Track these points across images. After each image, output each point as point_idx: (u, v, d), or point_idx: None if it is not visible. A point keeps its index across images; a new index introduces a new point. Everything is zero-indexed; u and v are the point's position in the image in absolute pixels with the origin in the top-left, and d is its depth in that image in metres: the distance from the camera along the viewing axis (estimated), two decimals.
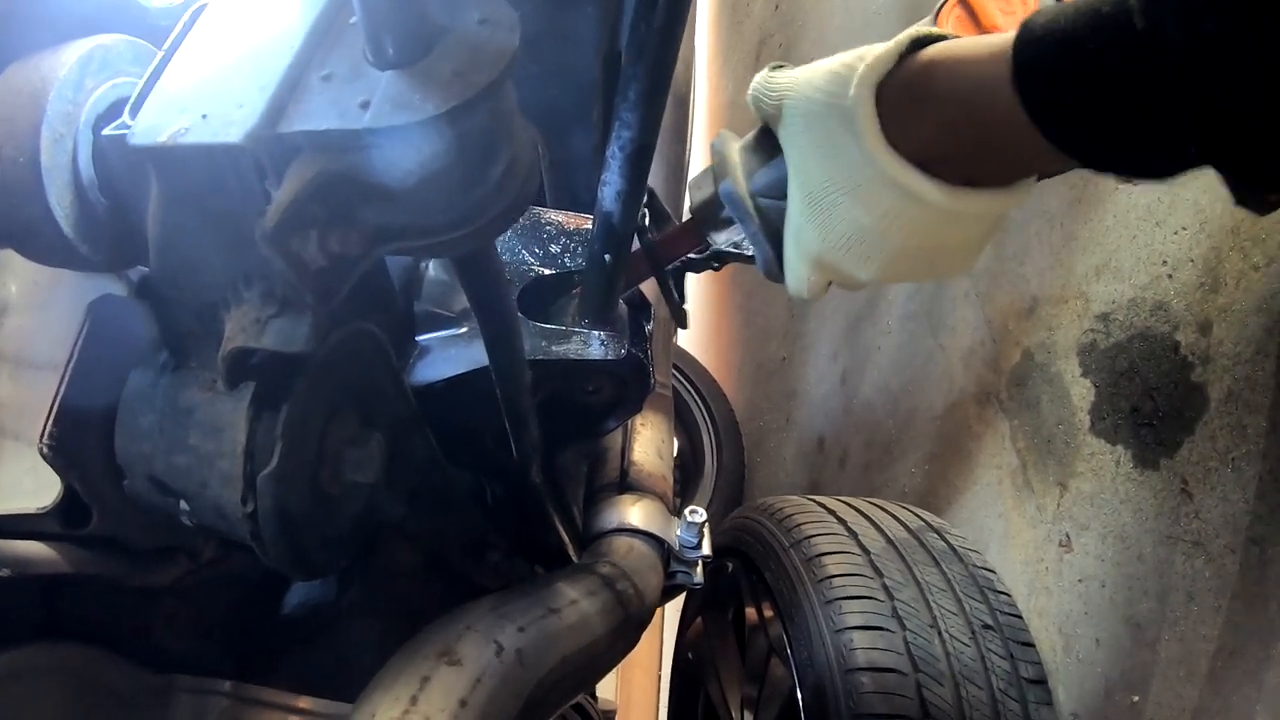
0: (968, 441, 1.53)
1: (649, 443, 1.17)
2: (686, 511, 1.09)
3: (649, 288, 0.89)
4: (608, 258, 0.76)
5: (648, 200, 0.80)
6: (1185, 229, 1.09)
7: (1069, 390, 1.26)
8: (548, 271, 0.88)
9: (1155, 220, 1.14)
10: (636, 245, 0.81)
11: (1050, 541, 1.25)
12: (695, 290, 3.42)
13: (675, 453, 2.26)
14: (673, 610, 2.36)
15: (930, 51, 0.59)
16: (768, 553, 1.32)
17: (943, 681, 1.08)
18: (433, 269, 0.89)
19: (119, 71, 0.60)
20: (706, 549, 1.10)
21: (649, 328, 0.89)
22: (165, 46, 0.55)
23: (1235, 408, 0.98)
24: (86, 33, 0.60)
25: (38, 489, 0.64)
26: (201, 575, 0.77)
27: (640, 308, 0.89)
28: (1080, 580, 1.18)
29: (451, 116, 0.45)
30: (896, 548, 1.25)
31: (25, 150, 0.55)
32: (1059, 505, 1.25)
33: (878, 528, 1.30)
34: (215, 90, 0.50)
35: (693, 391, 2.69)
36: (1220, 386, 1.00)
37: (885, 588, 1.17)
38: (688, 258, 0.85)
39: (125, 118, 0.51)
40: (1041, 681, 1.16)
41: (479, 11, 0.48)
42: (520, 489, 0.93)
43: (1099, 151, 0.51)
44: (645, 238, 0.81)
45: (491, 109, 0.47)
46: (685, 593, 1.31)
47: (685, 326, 0.93)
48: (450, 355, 0.83)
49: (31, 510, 0.64)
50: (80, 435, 0.64)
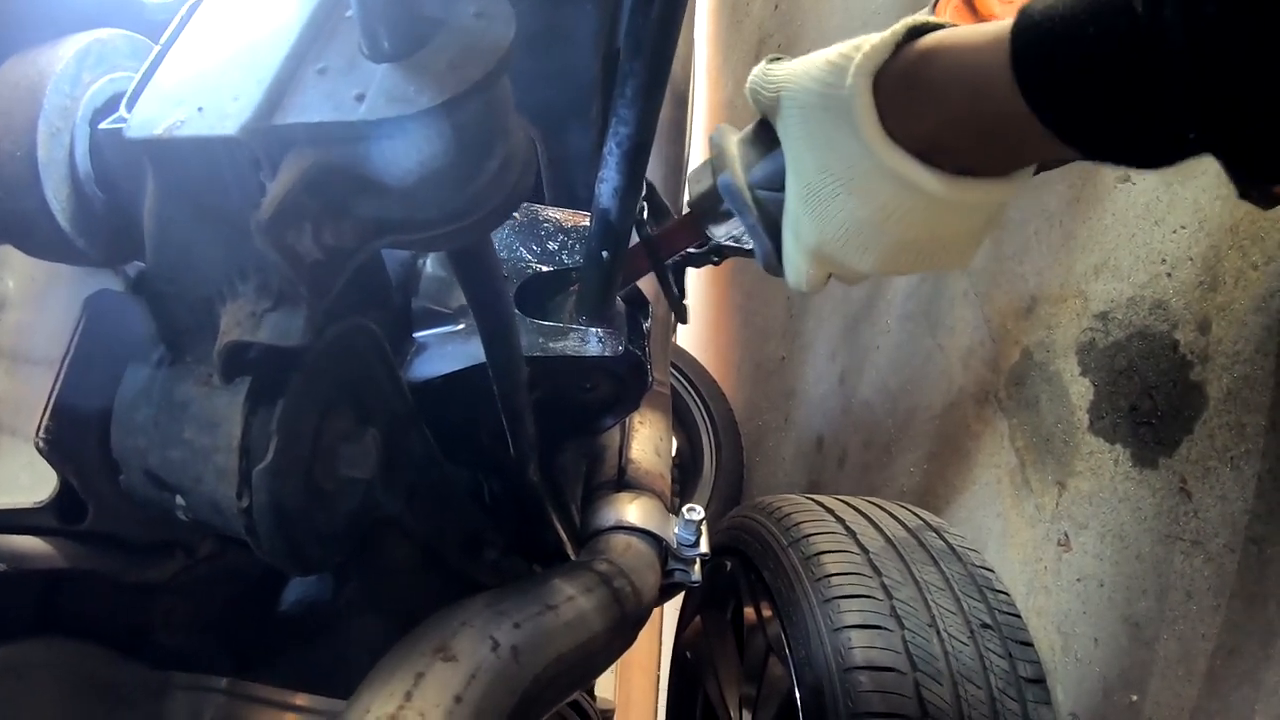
0: (966, 441, 1.53)
1: (647, 440, 1.17)
2: (684, 510, 1.09)
3: (647, 285, 0.89)
4: (605, 255, 0.76)
5: (647, 194, 0.79)
6: (1184, 228, 1.09)
7: (1068, 389, 1.26)
8: (545, 268, 0.88)
9: (1154, 219, 1.14)
10: (635, 240, 0.81)
11: (1049, 540, 1.25)
12: (694, 289, 3.42)
13: (674, 451, 2.26)
14: (671, 609, 2.36)
15: (927, 40, 0.58)
16: (766, 552, 1.32)
17: (941, 680, 1.08)
18: (430, 265, 0.89)
19: (116, 66, 0.60)
20: (704, 547, 1.10)
21: (647, 325, 0.89)
22: (162, 40, 0.55)
23: (1234, 406, 0.98)
24: (83, 27, 0.59)
25: (34, 484, 0.64)
26: (198, 571, 0.77)
27: (638, 305, 0.89)
28: (1079, 579, 1.18)
29: (447, 109, 0.45)
30: (895, 547, 1.25)
31: (22, 144, 0.55)
32: (1058, 504, 1.25)
33: (876, 527, 1.30)
34: (211, 83, 0.49)
35: (692, 390, 2.69)
36: (1219, 385, 1.00)
37: (884, 587, 1.17)
38: (687, 252, 0.85)
39: (122, 111, 0.51)
40: (1040, 680, 1.16)
41: (474, 5, 0.48)
42: (518, 486, 0.93)
43: (1098, 139, 0.51)
44: (644, 232, 0.81)
45: (487, 102, 0.47)
46: (684, 591, 1.30)
47: (685, 321, 0.93)
48: (447, 352, 0.83)
49: (28, 505, 0.64)
50: (76, 430, 0.64)
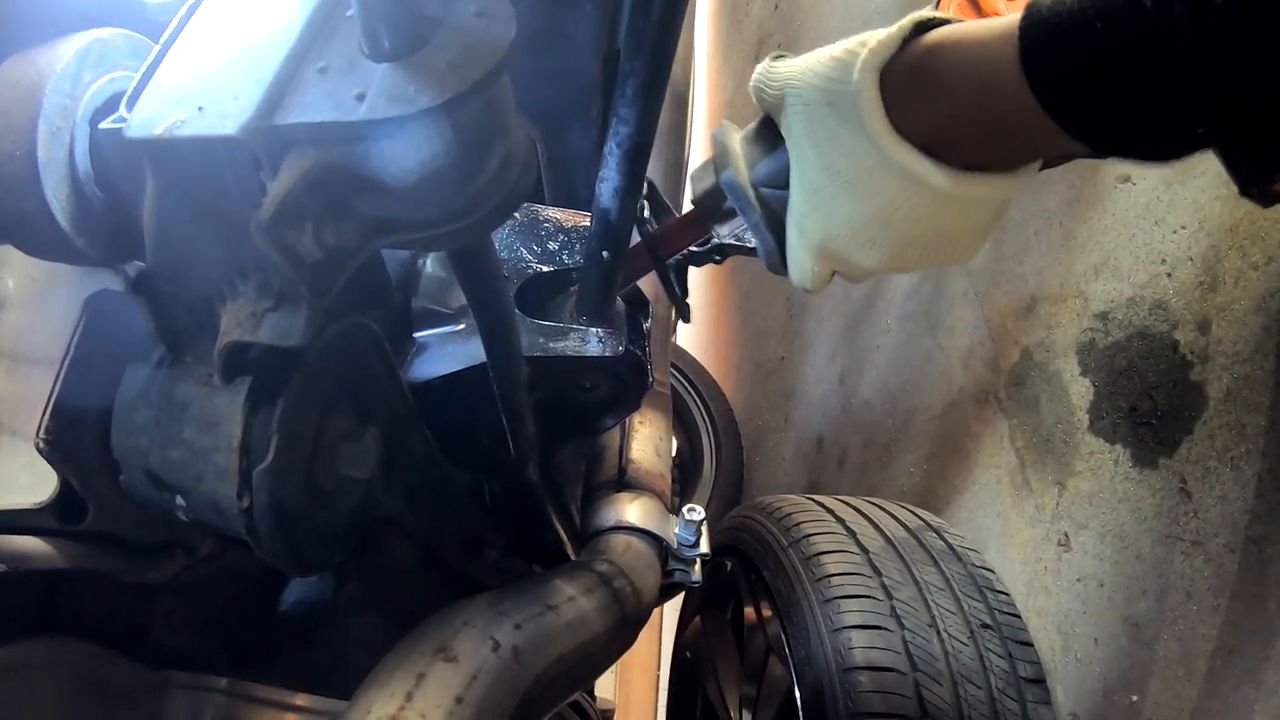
0: (966, 441, 1.53)
1: (647, 441, 1.17)
2: (685, 510, 1.09)
3: (648, 284, 0.89)
4: (605, 255, 0.76)
5: (648, 193, 0.79)
6: (1184, 228, 1.09)
7: (1068, 389, 1.26)
8: (545, 268, 0.88)
9: (1154, 219, 1.14)
10: (637, 239, 0.80)
11: (1049, 541, 1.25)
12: (694, 289, 3.42)
13: (674, 451, 2.26)
14: (671, 609, 2.36)
15: (934, 35, 0.58)
16: (766, 552, 1.32)
17: (941, 681, 1.08)
18: (430, 265, 0.89)
19: (116, 65, 0.60)
20: (704, 547, 1.10)
21: (647, 325, 0.89)
22: (162, 40, 0.55)
23: (1234, 406, 0.98)
24: (83, 27, 0.60)
25: (34, 484, 0.64)
26: (198, 571, 0.77)
27: (638, 305, 0.89)
28: (1079, 579, 1.18)
29: (447, 109, 0.45)
30: (895, 547, 1.25)
31: (22, 144, 0.55)
32: (1057, 504, 1.25)
33: (876, 527, 1.30)
34: (211, 83, 0.49)
35: (692, 390, 2.69)
36: (1219, 385, 1.00)
37: (884, 587, 1.16)
38: (689, 250, 0.85)
39: (122, 111, 0.51)
40: (1040, 681, 1.16)
41: (475, 4, 0.48)
42: (518, 486, 0.93)
43: (1106, 134, 0.51)
44: (645, 230, 0.80)
45: (487, 101, 0.47)
46: (684, 591, 1.30)
47: (688, 320, 0.93)
48: (447, 352, 0.83)
49: (28, 505, 0.64)
50: (77, 430, 0.64)
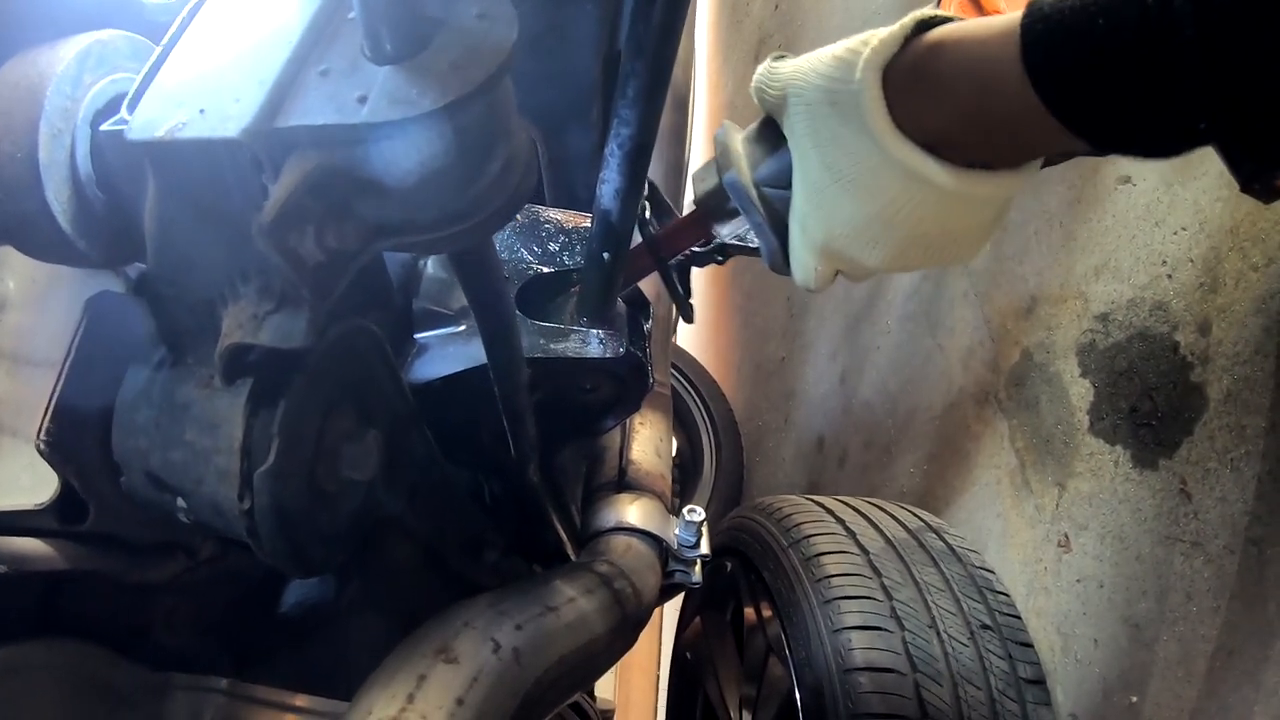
0: (966, 441, 1.53)
1: (647, 441, 1.17)
2: (685, 511, 1.09)
3: (648, 285, 0.89)
4: (606, 256, 0.76)
5: (649, 194, 0.79)
6: (1184, 229, 1.09)
7: (1068, 390, 1.26)
8: (546, 269, 0.88)
9: (1154, 220, 1.14)
10: (639, 239, 0.80)
11: (1049, 541, 1.25)
12: (695, 290, 3.42)
13: (674, 452, 2.26)
14: (671, 609, 2.36)
15: (936, 33, 0.58)
16: (766, 552, 1.32)
17: (941, 681, 1.08)
18: (431, 266, 0.89)
19: (117, 67, 0.60)
20: (705, 548, 1.10)
21: (647, 326, 0.89)
22: (163, 42, 0.55)
23: (1234, 408, 0.98)
24: (84, 28, 0.59)
25: (35, 485, 0.64)
26: (199, 572, 0.77)
27: (639, 306, 0.89)
28: (1079, 580, 1.18)
29: (449, 111, 0.45)
30: (895, 548, 1.25)
31: (23, 146, 0.55)
32: (1057, 505, 1.25)
33: (876, 528, 1.30)
34: (213, 85, 0.49)
35: (692, 391, 2.69)
36: (1219, 387, 1.00)
37: (884, 588, 1.17)
38: (691, 251, 0.85)
39: (123, 113, 0.51)
40: (1040, 682, 1.16)
41: (476, 6, 0.48)
42: (518, 487, 0.93)
43: (1108, 130, 0.51)
44: (647, 231, 0.80)
45: (489, 104, 0.47)
46: (684, 592, 1.31)
47: (691, 320, 0.93)
48: (448, 353, 0.83)
49: (29, 506, 0.63)
50: (77, 431, 0.64)
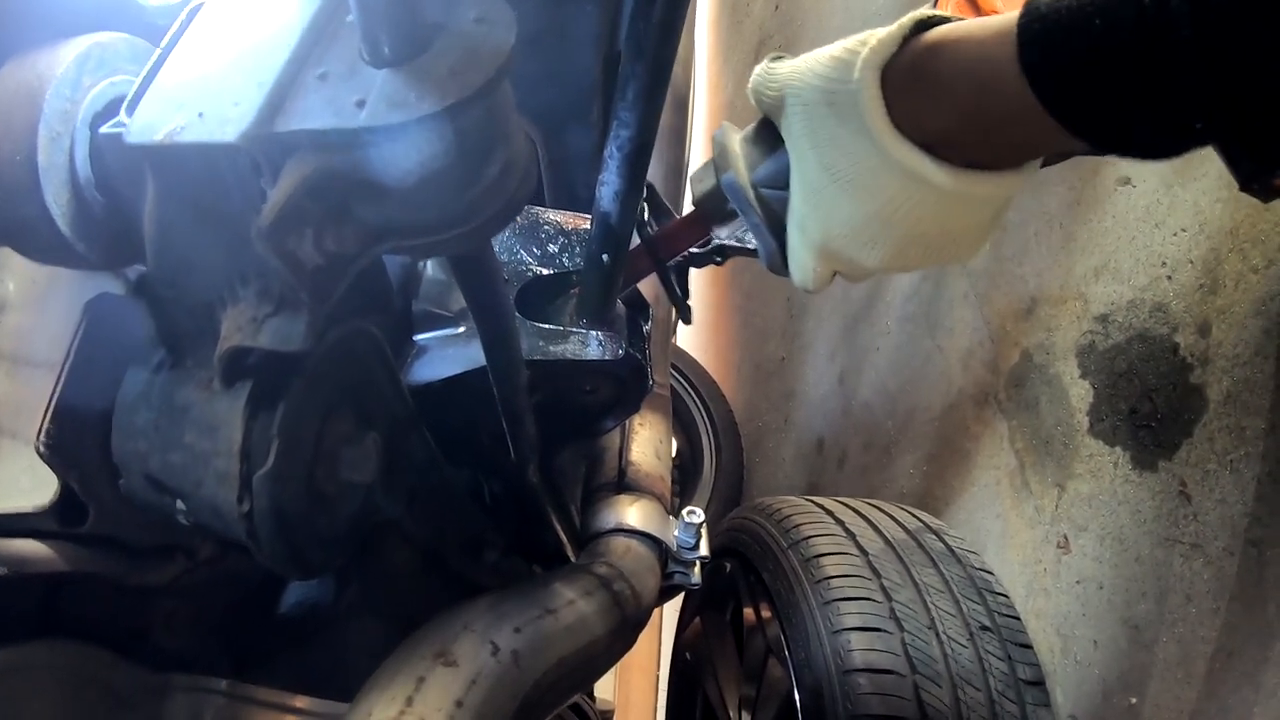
0: (966, 442, 1.53)
1: (647, 443, 1.17)
2: (684, 512, 1.09)
3: (647, 287, 0.89)
4: (605, 258, 0.76)
5: (648, 195, 0.79)
6: (1184, 230, 1.09)
7: (1067, 391, 1.26)
8: (546, 271, 0.88)
9: (1154, 221, 1.14)
10: (637, 241, 0.80)
11: (1048, 543, 1.25)
12: (694, 290, 3.42)
13: (673, 453, 2.26)
14: (671, 610, 2.36)
15: (934, 33, 0.58)
16: (766, 553, 1.32)
17: (940, 683, 1.08)
18: (430, 268, 0.89)
19: (116, 69, 0.60)
20: (704, 550, 1.10)
21: (647, 328, 0.89)
22: (162, 44, 0.55)
23: (1234, 410, 0.98)
24: (83, 30, 0.59)
25: (35, 487, 0.64)
26: (199, 574, 0.77)
27: (638, 308, 0.89)
28: (1078, 581, 1.18)
29: (448, 115, 0.45)
30: (895, 549, 1.25)
31: (22, 148, 0.55)
32: (1057, 506, 1.25)
33: (876, 529, 1.30)
34: (212, 88, 0.49)
35: (691, 392, 2.69)
36: (1219, 388, 1.00)
37: (883, 589, 1.17)
38: (690, 252, 0.85)
39: (122, 116, 0.51)
40: (1039, 683, 1.16)
41: (475, 9, 0.48)
42: (518, 488, 0.93)
43: (1106, 130, 0.51)
44: (645, 233, 0.80)
45: (488, 107, 0.47)
46: (683, 593, 1.31)
47: (689, 322, 0.93)
48: (448, 355, 0.83)
49: (28, 509, 0.63)
50: (77, 434, 0.64)
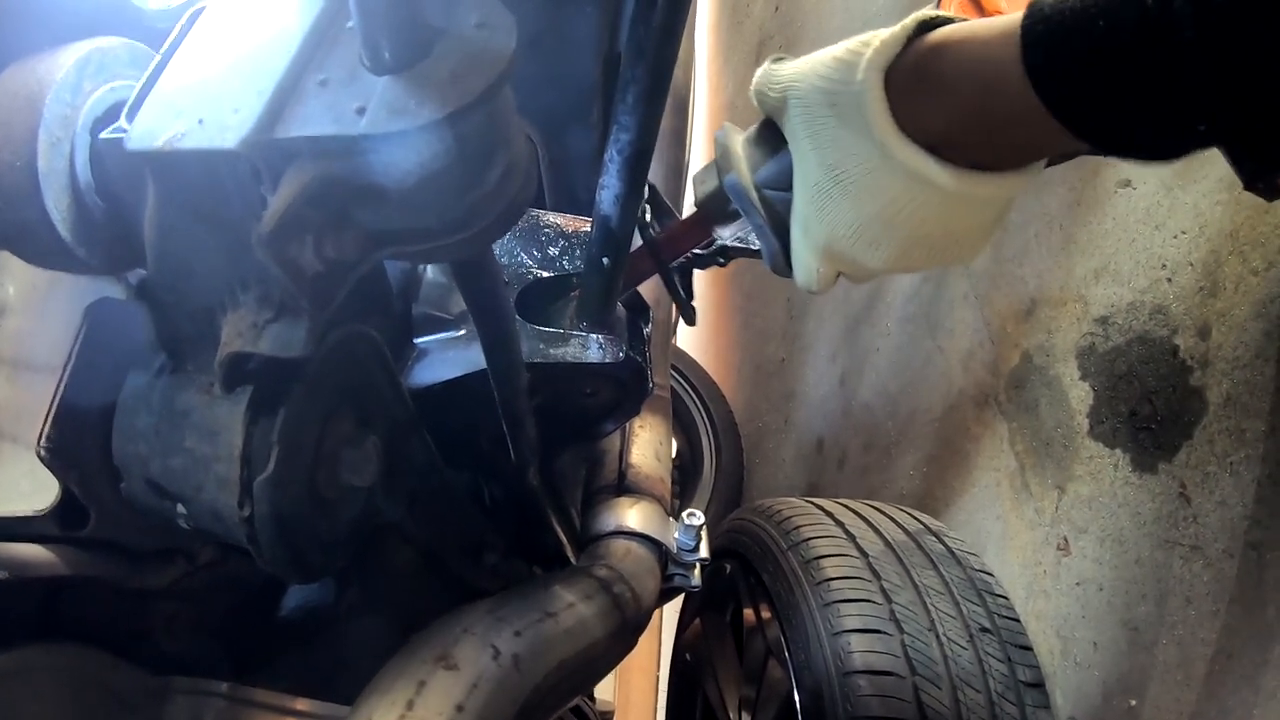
0: (966, 444, 1.53)
1: (647, 445, 1.17)
2: (684, 514, 1.09)
3: (648, 289, 0.89)
4: (606, 261, 0.76)
5: (650, 196, 0.79)
6: (1184, 233, 1.09)
7: (1067, 393, 1.26)
8: (546, 274, 0.88)
9: (1154, 224, 1.14)
10: (641, 242, 0.80)
11: (1048, 544, 1.25)
12: (695, 291, 3.42)
13: (674, 454, 2.26)
14: (671, 611, 2.36)
15: (938, 34, 0.58)
16: (766, 555, 1.32)
17: (940, 684, 1.08)
18: (431, 271, 0.89)
19: (116, 74, 0.60)
20: (704, 552, 1.10)
21: (647, 330, 0.89)
22: (162, 50, 0.55)
23: (1234, 412, 0.98)
24: (83, 35, 0.59)
25: (35, 491, 0.64)
26: (199, 577, 0.77)
27: (638, 310, 0.89)
28: (1078, 583, 1.18)
29: (448, 122, 0.45)
30: (894, 550, 1.25)
31: (22, 154, 0.55)
32: (1057, 508, 1.25)
33: (876, 530, 1.30)
34: (212, 94, 0.49)
35: (691, 393, 2.69)
36: (1219, 391, 1.00)
37: (883, 591, 1.17)
38: (693, 253, 0.85)
39: (122, 121, 0.51)
40: (1039, 685, 1.16)
41: (476, 15, 0.48)
42: (518, 491, 0.93)
43: (1109, 132, 0.51)
44: (648, 234, 0.80)
45: (489, 113, 0.47)
46: (683, 594, 1.31)
47: (693, 323, 0.93)
48: (448, 358, 0.83)
49: (29, 513, 0.64)
50: (78, 438, 0.64)
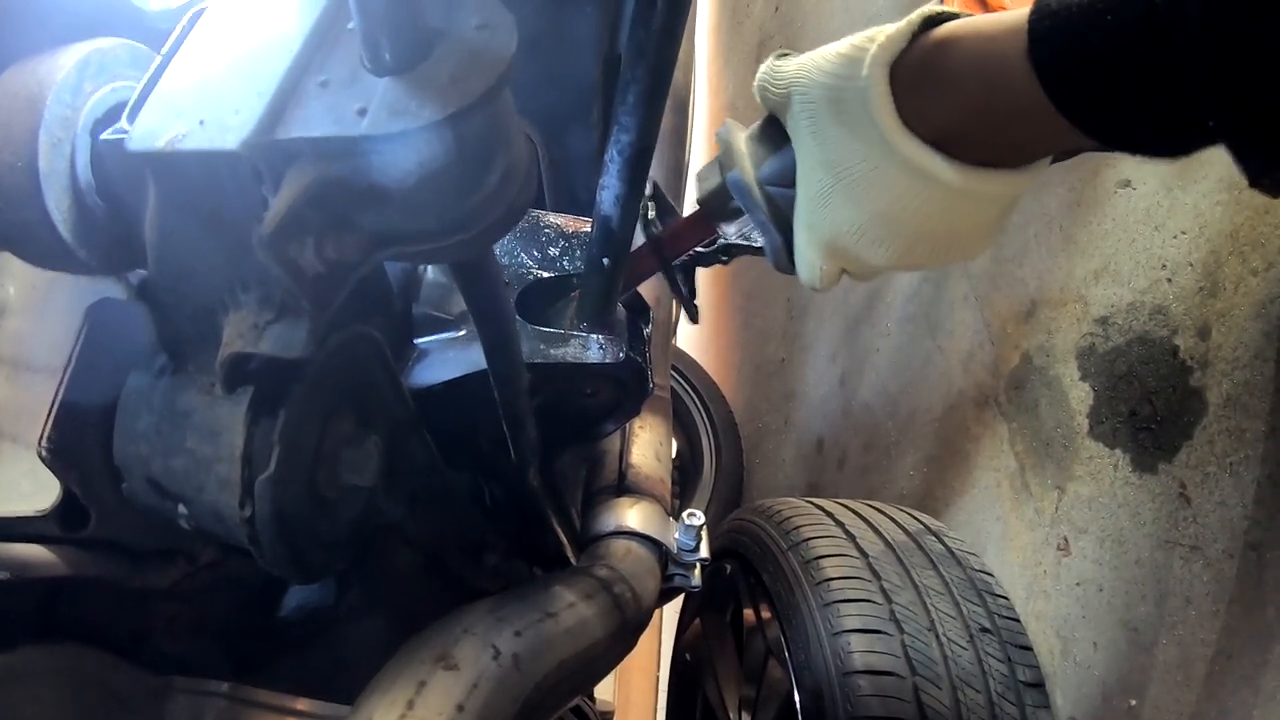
0: (966, 444, 1.53)
1: (647, 445, 1.17)
2: (685, 514, 1.09)
3: (648, 290, 0.89)
4: (606, 261, 0.76)
5: (653, 194, 0.79)
6: (1184, 233, 1.09)
7: (1067, 394, 1.26)
8: (546, 274, 0.88)
9: (1154, 224, 1.14)
10: (644, 240, 0.80)
11: (1048, 545, 1.25)
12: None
13: (674, 455, 2.26)
14: (671, 611, 2.36)
15: (943, 30, 0.58)
16: (766, 555, 1.32)
17: (940, 685, 1.08)
18: (431, 271, 0.89)
19: (117, 75, 0.60)
20: (704, 552, 1.10)
21: (647, 331, 0.89)
22: (163, 50, 0.55)
23: (1233, 412, 0.98)
24: (84, 36, 0.59)
25: (36, 491, 0.64)
26: (200, 578, 0.77)
27: (639, 311, 0.89)
28: (1078, 584, 1.18)
29: (449, 123, 0.45)
30: (894, 551, 1.25)
31: (23, 155, 0.55)
32: (1057, 508, 1.25)
33: (876, 530, 1.30)
34: (213, 95, 0.49)
35: (691, 393, 2.69)
36: (1219, 391, 1.00)
37: (883, 591, 1.17)
38: (696, 251, 0.84)
39: (123, 122, 0.51)
40: (1039, 685, 1.16)
41: (476, 16, 0.48)
42: (519, 491, 0.93)
43: (1115, 128, 0.51)
44: (651, 232, 0.80)
45: (489, 115, 0.47)
46: (683, 594, 1.31)
47: (696, 321, 0.93)
48: (448, 358, 0.83)
49: (30, 513, 0.64)
50: (79, 438, 0.64)
